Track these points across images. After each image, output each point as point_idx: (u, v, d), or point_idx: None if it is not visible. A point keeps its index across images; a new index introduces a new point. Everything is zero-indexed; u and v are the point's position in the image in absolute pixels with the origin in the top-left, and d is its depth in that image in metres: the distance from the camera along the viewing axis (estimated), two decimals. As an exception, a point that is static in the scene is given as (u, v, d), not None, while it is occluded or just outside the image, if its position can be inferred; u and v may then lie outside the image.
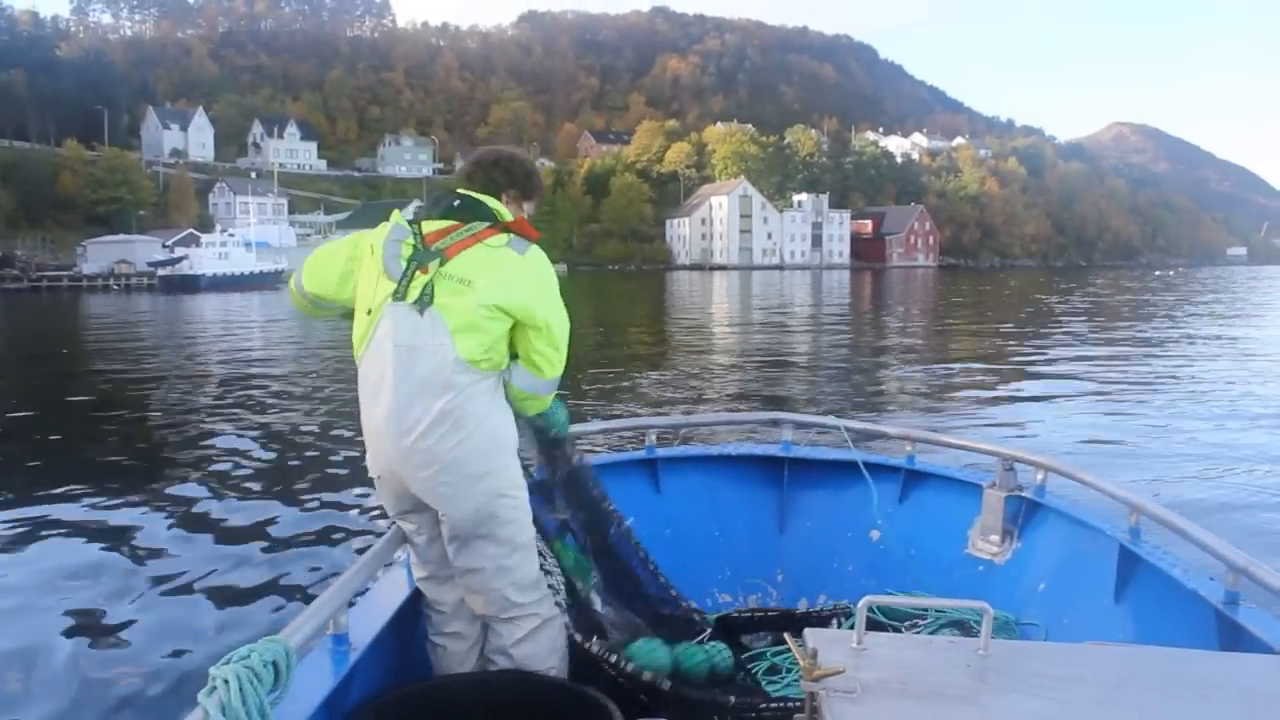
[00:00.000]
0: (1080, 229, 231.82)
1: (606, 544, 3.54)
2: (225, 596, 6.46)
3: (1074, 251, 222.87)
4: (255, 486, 9.71)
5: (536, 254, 2.90)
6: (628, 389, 16.60)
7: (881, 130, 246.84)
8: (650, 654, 3.25)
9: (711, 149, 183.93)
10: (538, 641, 2.95)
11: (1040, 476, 4.12)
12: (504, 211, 2.96)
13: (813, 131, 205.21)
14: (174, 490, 9.49)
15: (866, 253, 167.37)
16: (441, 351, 2.74)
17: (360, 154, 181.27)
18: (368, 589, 2.94)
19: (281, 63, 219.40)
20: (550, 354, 2.92)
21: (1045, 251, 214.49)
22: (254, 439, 12.11)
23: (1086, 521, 3.80)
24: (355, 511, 8.46)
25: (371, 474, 2.96)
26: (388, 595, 3.01)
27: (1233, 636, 2.79)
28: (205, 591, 6.55)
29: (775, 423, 5.02)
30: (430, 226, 2.88)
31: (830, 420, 4.99)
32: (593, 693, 2.65)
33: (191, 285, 64.26)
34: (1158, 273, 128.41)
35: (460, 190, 3.00)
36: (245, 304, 50.24)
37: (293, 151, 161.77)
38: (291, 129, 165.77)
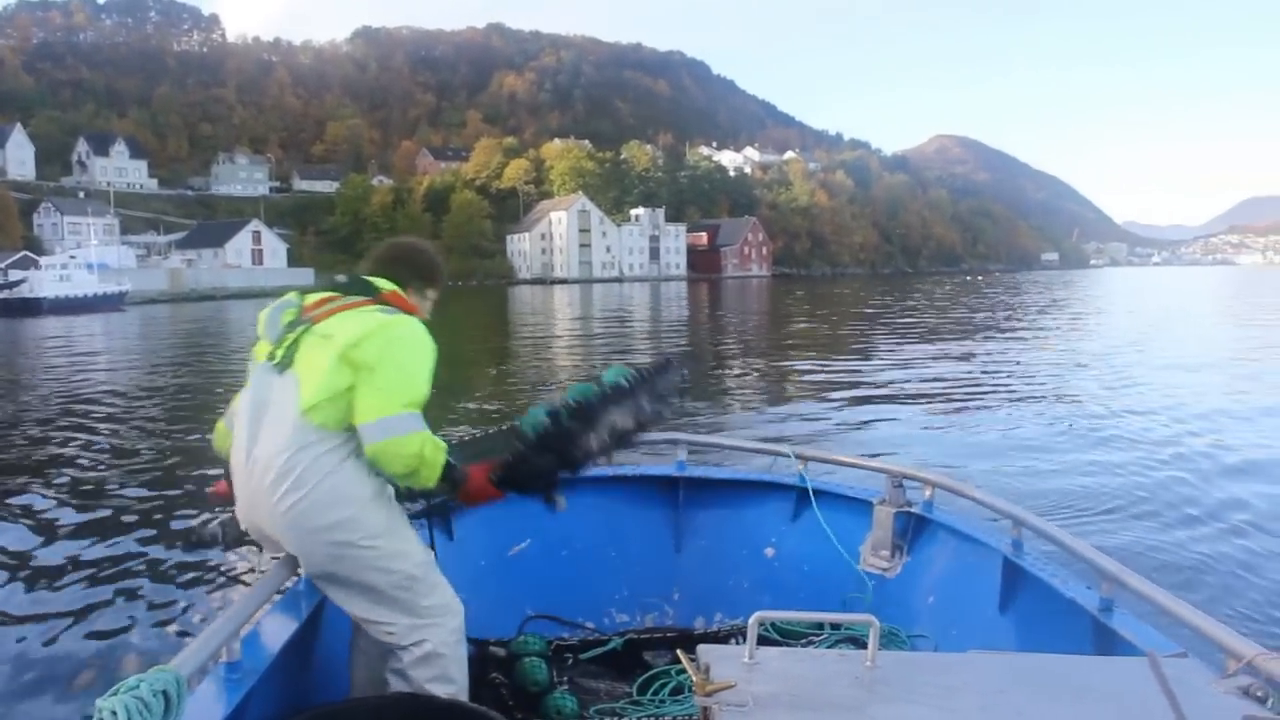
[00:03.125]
0: (905, 238, 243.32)
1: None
2: (79, 634, 6.26)
3: (901, 259, 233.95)
4: (101, 509, 9.64)
5: (405, 320, 2.94)
6: (491, 411, 16.30)
7: (715, 145, 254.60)
8: (534, 669, 3.65)
9: (549, 165, 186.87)
10: (431, 667, 2.97)
11: (928, 493, 4.27)
12: (395, 290, 3.12)
13: (648, 147, 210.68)
14: (12, 513, 9.37)
15: (703, 264, 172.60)
16: (288, 408, 2.80)
17: (193, 172, 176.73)
18: (260, 615, 2.91)
19: (105, 77, 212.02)
20: (381, 389, 2.79)
21: (873, 260, 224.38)
22: (107, 461, 12.16)
23: (972, 535, 3.94)
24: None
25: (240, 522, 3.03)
26: (282, 621, 2.98)
27: (1107, 641, 2.94)
28: (55, 630, 6.33)
29: (672, 442, 5.04)
30: (312, 299, 3.02)
31: (725, 440, 5.34)
32: (490, 713, 2.67)
33: (33, 308, 63.20)
34: (966, 278, 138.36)
35: (361, 276, 3.16)
36: (89, 326, 50.03)
37: (121, 170, 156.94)
38: (119, 146, 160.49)
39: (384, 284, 3.09)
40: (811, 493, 4.62)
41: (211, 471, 8.10)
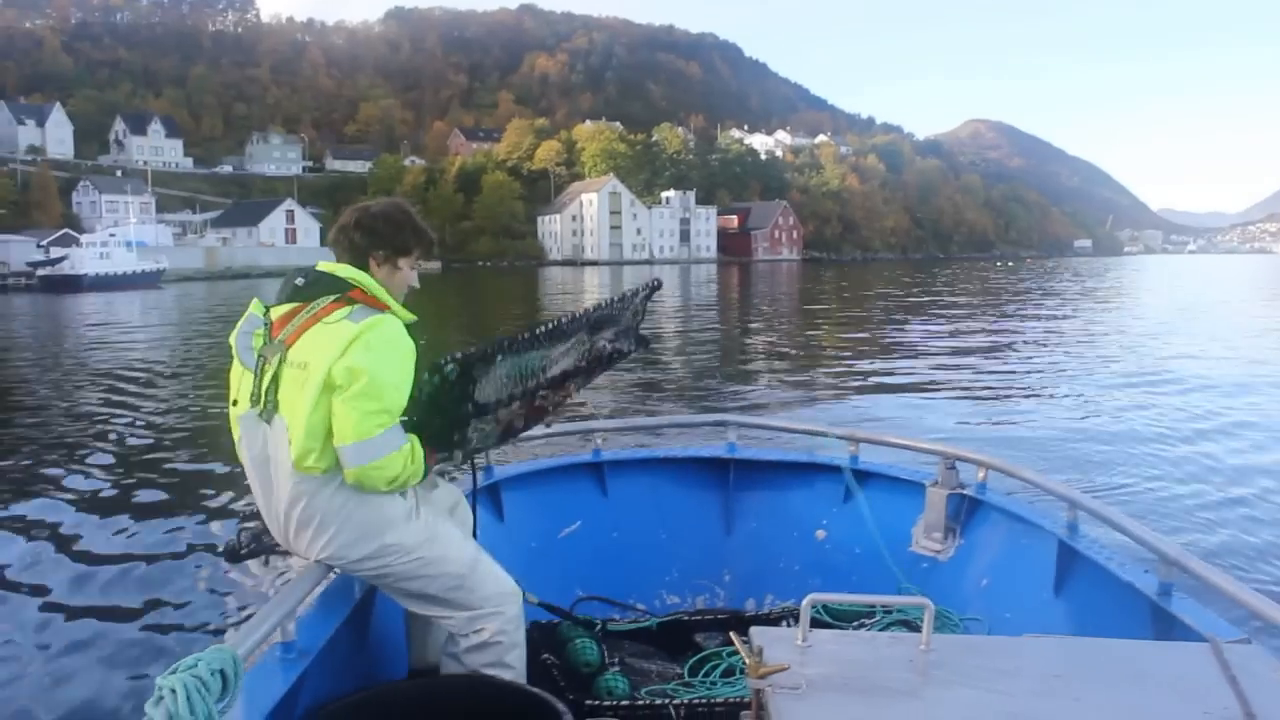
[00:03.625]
0: (937, 222, 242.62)
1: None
2: (130, 615, 6.36)
3: (932, 244, 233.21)
4: (154, 487, 9.81)
5: (375, 320, 2.74)
6: None
7: (746, 128, 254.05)
8: (585, 650, 3.66)
9: (581, 147, 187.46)
10: (487, 653, 2.97)
11: (981, 474, 4.22)
12: (359, 278, 2.86)
13: (679, 129, 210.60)
14: (73, 499, 9.36)
15: (733, 247, 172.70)
16: (284, 462, 2.74)
17: (227, 151, 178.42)
18: (315, 596, 2.90)
19: (141, 57, 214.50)
20: (356, 408, 2.66)
21: (904, 244, 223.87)
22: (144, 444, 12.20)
23: (1026, 517, 3.90)
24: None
25: None
26: (336, 602, 2.99)
27: (1166, 626, 2.89)
28: (110, 611, 6.43)
29: (722, 424, 5.05)
30: (277, 313, 2.84)
31: (775, 422, 5.21)
32: (545, 695, 2.65)
33: (74, 285, 64.46)
34: (998, 264, 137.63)
35: (318, 267, 2.91)
36: (128, 302, 51.09)
37: (158, 149, 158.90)
38: (156, 126, 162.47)
39: (347, 274, 2.85)
40: (863, 474, 4.61)
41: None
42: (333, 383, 2.66)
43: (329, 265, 2.90)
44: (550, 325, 3.33)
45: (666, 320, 33.92)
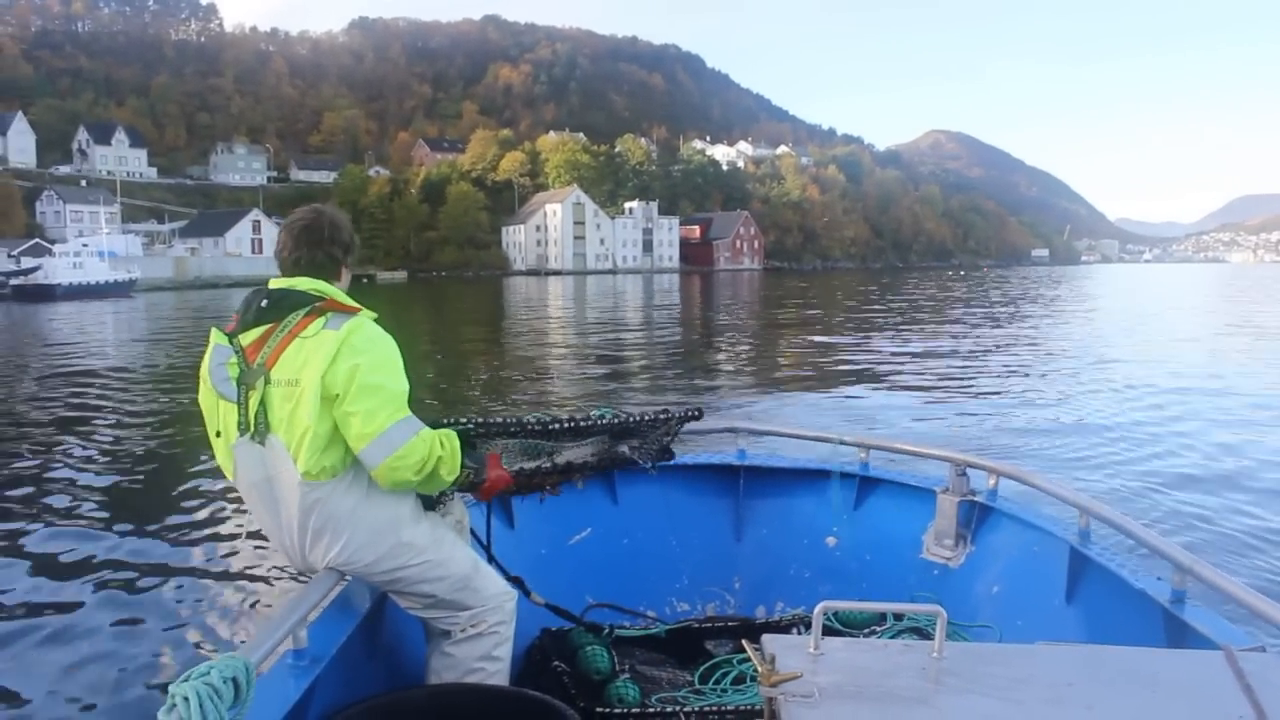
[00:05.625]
0: (897, 232, 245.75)
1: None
2: (125, 630, 6.30)
3: (891, 254, 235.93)
4: (160, 498, 9.80)
5: (354, 323, 2.76)
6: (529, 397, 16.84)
7: (709, 139, 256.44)
8: (595, 657, 3.67)
9: (545, 158, 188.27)
10: (479, 646, 3.05)
11: (992, 481, 4.19)
12: (325, 289, 2.87)
13: (642, 140, 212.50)
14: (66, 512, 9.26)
15: (695, 257, 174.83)
16: (289, 478, 2.74)
17: (191, 161, 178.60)
18: (326, 603, 2.86)
19: (103, 66, 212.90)
20: (362, 410, 2.68)
21: (864, 254, 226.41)
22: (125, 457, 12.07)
23: (1038, 524, 3.87)
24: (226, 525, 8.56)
25: None
26: (347, 609, 2.98)
27: (1179, 634, 2.88)
28: (106, 626, 6.36)
29: (732, 431, 5.03)
30: (248, 339, 2.80)
31: (785, 429, 5.17)
32: (557, 703, 2.67)
33: (47, 294, 65.31)
34: (949, 273, 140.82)
35: (272, 285, 2.89)
36: (101, 311, 51.99)
37: (122, 159, 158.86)
38: (120, 135, 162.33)
39: (310, 287, 2.87)
40: (873, 481, 4.63)
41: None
42: (330, 392, 2.68)
43: (285, 281, 2.91)
44: (571, 423, 3.48)
45: (630, 332, 34.81)
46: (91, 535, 8.43)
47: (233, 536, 8.18)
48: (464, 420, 3.17)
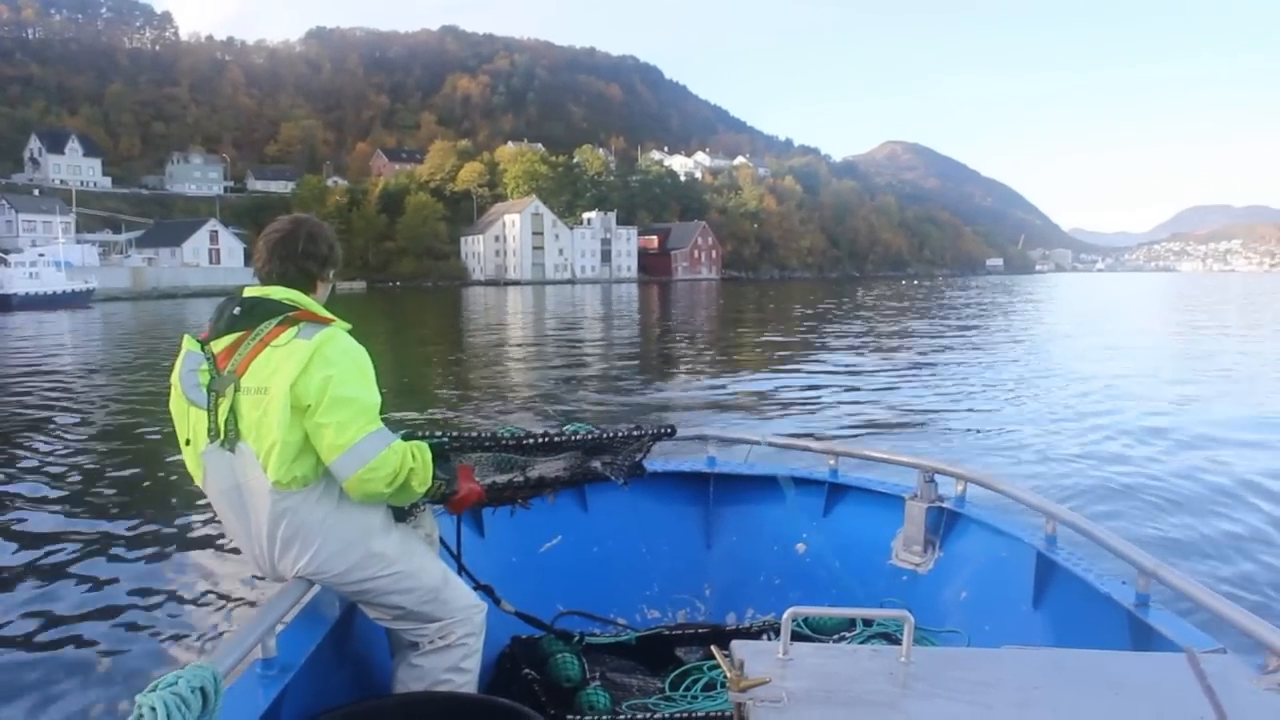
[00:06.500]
0: (853, 242, 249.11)
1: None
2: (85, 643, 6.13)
3: (848, 263, 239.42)
4: (128, 504, 9.62)
5: (327, 334, 2.75)
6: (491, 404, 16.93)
7: (666, 149, 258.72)
8: (566, 665, 3.67)
9: (503, 168, 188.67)
10: (447, 657, 3.05)
11: (960, 487, 4.24)
12: (299, 299, 2.88)
13: (601, 151, 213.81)
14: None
15: (653, 267, 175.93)
16: (258, 486, 2.73)
17: (146, 171, 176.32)
18: (295, 612, 2.86)
19: (55, 74, 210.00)
20: (333, 422, 2.67)
21: (820, 264, 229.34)
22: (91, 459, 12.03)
23: (1005, 530, 3.91)
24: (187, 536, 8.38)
25: None
26: (316, 618, 2.96)
27: (1144, 637, 2.92)
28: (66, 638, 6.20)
29: (702, 439, 4.99)
30: (219, 345, 2.81)
31: (755, 436, 5.06)
32: (528, 711, 2.67)
33: (3, 304, 64.77)
34: (902, 282, 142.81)
35: (246, 293, 2.90)
36: (57, 322, 51.55)
37: (76, 168, 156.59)
38: (74, 144, 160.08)
39: (284, 296, 2.89)
40: (842, 488, 4.67)
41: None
42: (300, 402, 2.68)
43: (259, 290, 2.92)
44: (545, 438, 3.49)
45: (589, 345, 35.97)
46: (53, 544, 8.21)
47: (200, 544, 8.07)
48: (438, 434, 3.20)
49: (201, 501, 7.11)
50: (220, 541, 7.87)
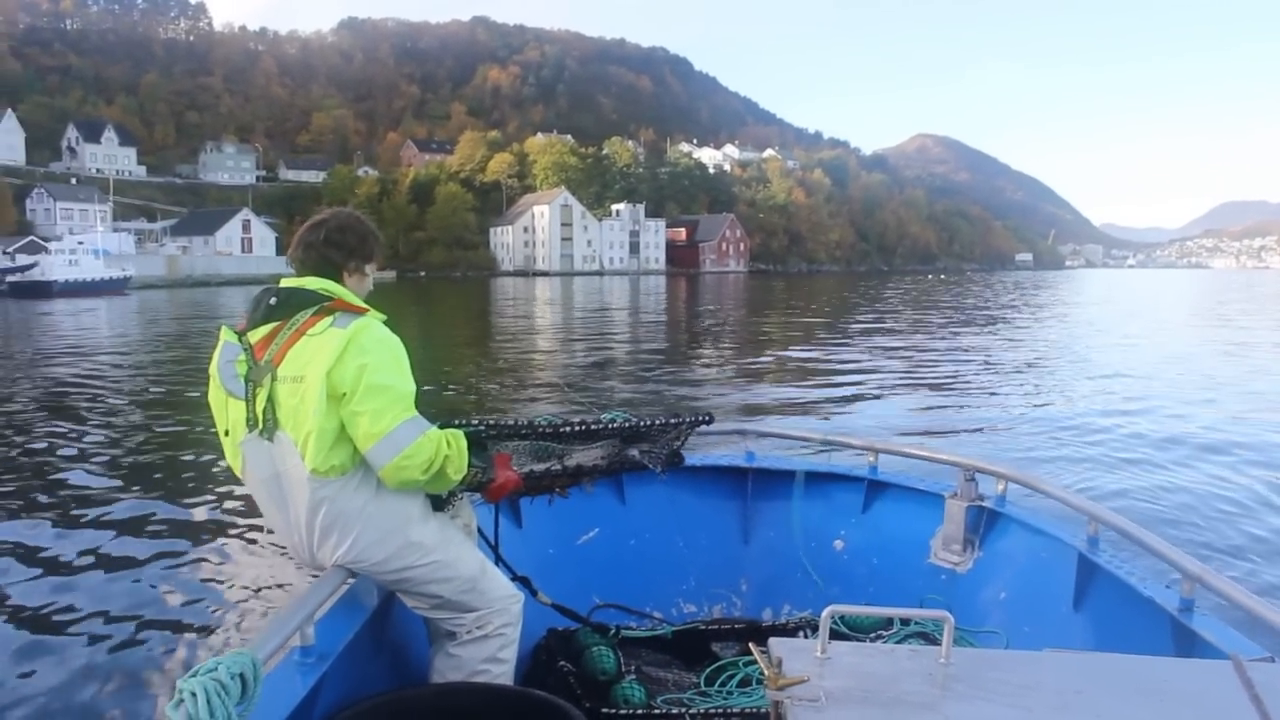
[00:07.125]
0: (882, 236, 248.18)
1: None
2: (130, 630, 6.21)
3: (876, 257, 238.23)
4: (169, 491, 9.74)
5: (362, 324, 2.77)
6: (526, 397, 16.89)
7: (695, 142, 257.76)
8: (601, 658, 3.67)
9: (533, 159, 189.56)
10: (484, 647, 3.05)
11: (1001, 486, 4.18)
12: (334, 289, 2.89)
13: (630, 143, 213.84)
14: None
15: (681, 259, 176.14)
16: (297, 474, 2.75)
17: (180, 160, 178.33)
18: (333, 600, 2.86)
19: (92, 64, 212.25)
20: (369, 410, 2.70)
21: (849, 257, 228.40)
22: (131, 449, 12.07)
23: (1046, 531, 3.85)
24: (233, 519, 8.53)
25: None
26: (354, 606, 2.97)
27: (1188, 642, 2.84)
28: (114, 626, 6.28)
29: (740, 433, 4.99)
30: (256, 336, 2.83)
31: (794, 431, 5.06)
32: (563, 703, 2.65)
33: (44, 291, 66.19)
34: (928, 277, 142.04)
35: (283, 284, 2.93)
36: (95, 308, 52.57)
37: (111, 157, 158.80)
38: (109, 133, 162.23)
39: (319, 286, 2.90)
40: (882, 485, 4.63)
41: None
42: (335, 391, 2.70)
43: (295, 280, 2.94)
44: (582, 426, 3.48)
45: (617, 331, 35.64)
46: (96, 532, 8.35)
47: (240, 533, 8.17)
48: (474, 421, 3.20)
49: (241, 491, 7.54)
50: (259, 531, 8.01)
